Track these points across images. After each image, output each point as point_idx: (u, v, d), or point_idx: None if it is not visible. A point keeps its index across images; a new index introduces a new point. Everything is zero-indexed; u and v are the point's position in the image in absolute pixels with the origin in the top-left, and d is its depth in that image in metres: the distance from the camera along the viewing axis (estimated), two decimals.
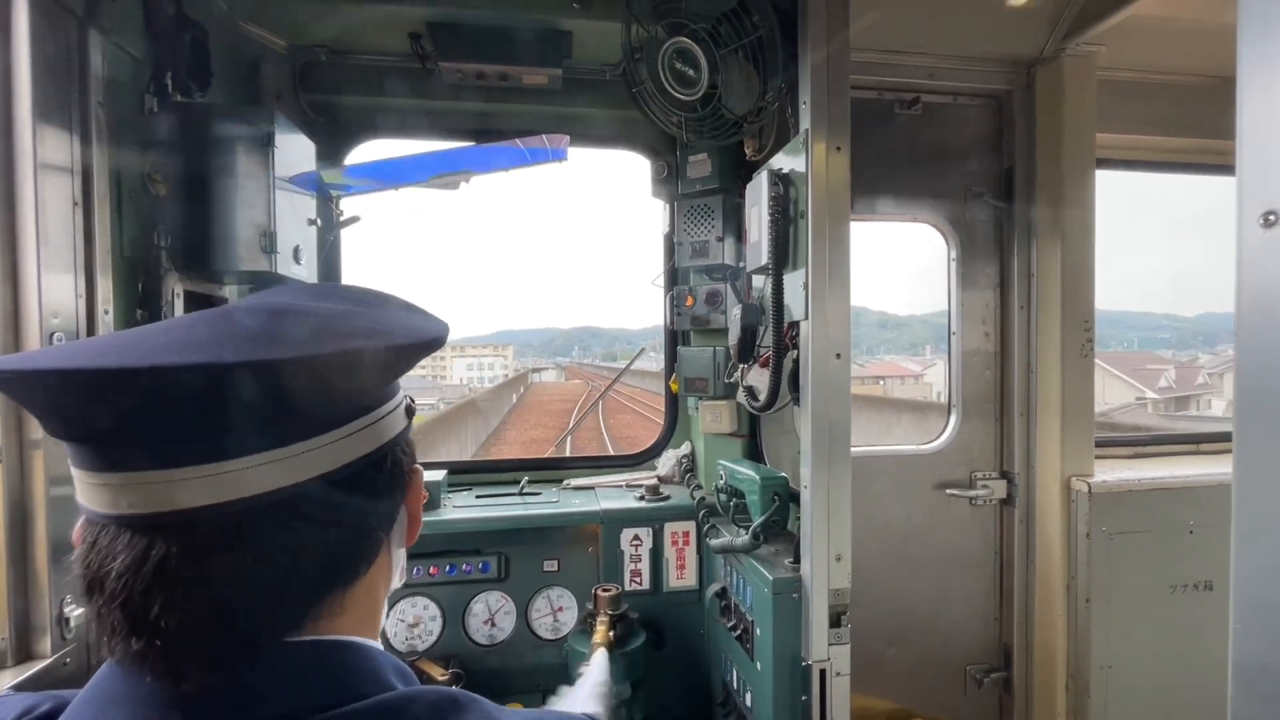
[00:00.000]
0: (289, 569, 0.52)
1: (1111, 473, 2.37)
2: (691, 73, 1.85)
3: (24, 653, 1.26)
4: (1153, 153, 2.75)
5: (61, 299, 1.32)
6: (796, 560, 1.72)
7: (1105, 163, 2.59)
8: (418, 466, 0.69)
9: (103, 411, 0.46)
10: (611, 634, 1.85)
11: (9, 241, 1.24)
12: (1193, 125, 2.58)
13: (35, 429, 1.26)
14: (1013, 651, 2.51)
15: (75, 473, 0.50)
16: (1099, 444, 2.44)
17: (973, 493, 2.52)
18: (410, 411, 0.67)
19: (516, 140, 2.03)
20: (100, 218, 1.41)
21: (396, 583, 0.69)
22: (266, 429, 0.50)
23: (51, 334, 1.28)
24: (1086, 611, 2.27)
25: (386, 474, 0.61)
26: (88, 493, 0.50)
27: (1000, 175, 2.54)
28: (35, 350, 0.52)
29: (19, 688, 1.19)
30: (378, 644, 0.61)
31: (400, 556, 0.69)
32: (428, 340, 0.60)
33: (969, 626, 2.56)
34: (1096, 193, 2.35)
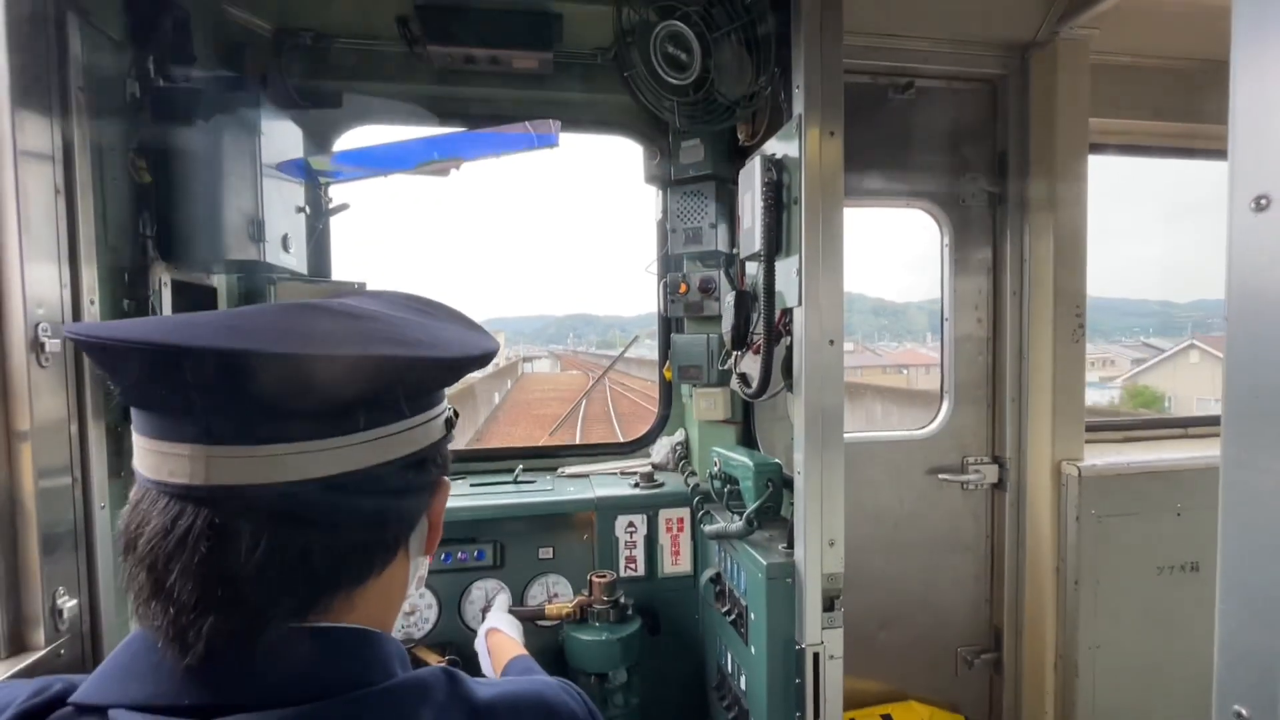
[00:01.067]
0: (299, 560, 0.53)
1: (1101, 457, 2.39)
2: (684, 57, 1.83)
3: (17, 644, 1.25)
4: (1146, 137, 2.75)
5: (45, 289, 1.29)
6: (790, 545, 1.73)
7: (1099, 147, 2.58)
8: (446, 479, 0.69)
9: (150, 382, 0.50)
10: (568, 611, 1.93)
11: None
12: (1186, 110, 2.57)
13: (23, 420, 1.24)
14: (1003, 633, 2.55)
15: (135, 438, 0.54)
16: (1089, 428, 2.47)
17: (964, 477, 2.54)
18: (450, 423, 0.68)
19: (507, 125, 2.00)
20: (83, 205, 1.38)
21: (413, 590, 0.69)
22: (302, 422, 0.52)
23: (36, 324, 1.26)
24: (1075, 593, 2.30)
25: (414, 481, 0.62)
26: (141, 457, 0.53)
27: (994, 160, 2.53)
28: (125, 320, 0.57)
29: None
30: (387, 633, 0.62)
31: (420, 564, 0.69)
32: (476, 356, 0.63)
33: (960, 609, 2.59)
34: (1089, 177, 2.35)
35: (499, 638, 1.55)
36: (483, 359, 0.64)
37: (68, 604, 1.31)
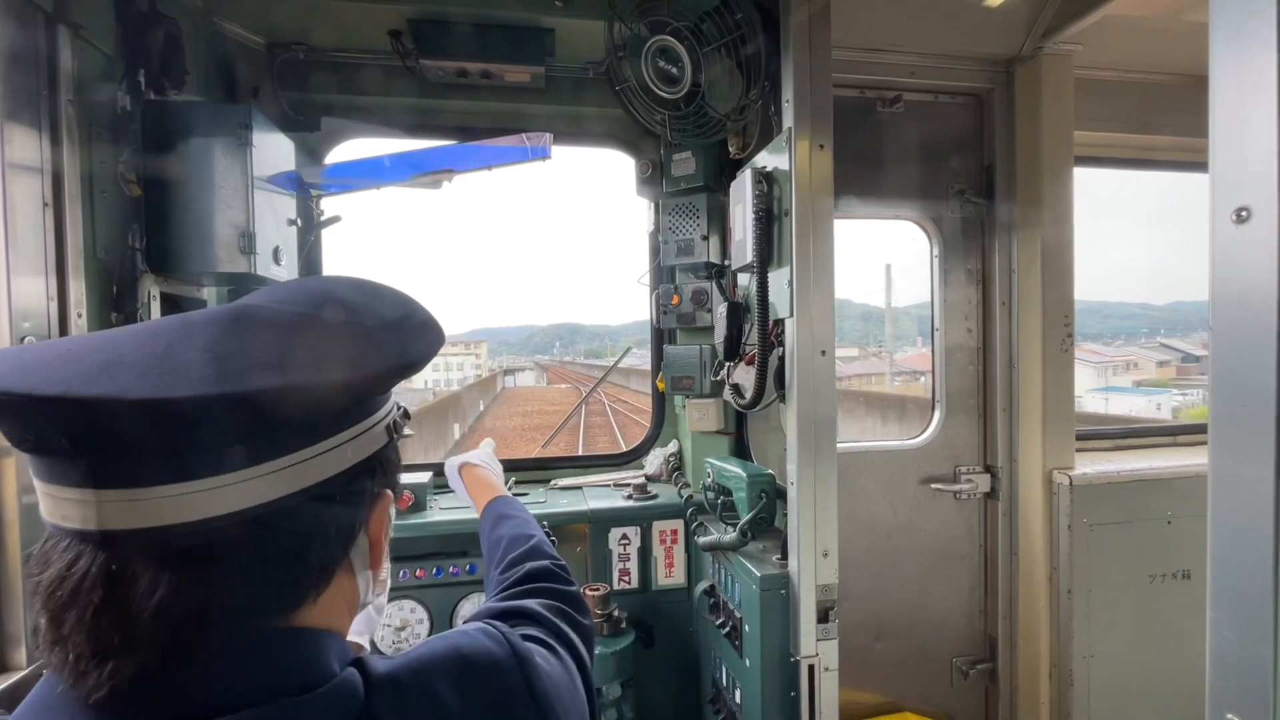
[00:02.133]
0: (205, 603, 0.49)
1: (1092, 465, 2.41)
2: (675, 71, 1.85)
3: None
4: (1129, 150, 2.80)
5: (32, 302, 1.28)
6: (784, 557, 1.73)
7: (1083, 160, 2.62)
8: (387, 491, 0.63)
9: (31, 432, 0.46)
10: None
11: None
12: (1167, 123, 2.63)
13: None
14: (997, 643, 2.55)
15: (31, 473, 0.50)
16: (1079, 437, 2.48)
17: (957, 487, 2.55)
18: (394, 428, 0.62)
19: (499, 138, 2.01)
20: (71, 218, 1.38)
21: (374, 597, 0.65)
22: (193, 460, 0.47)
23: (23, 337, 1.25)
24: (1069, 602, 2.31)
25: (339, 503, 0.56)
26: (40, 497, 0.50)
27: (981, 172, 2.56)
28: (28, 347, 0.51)
29: None
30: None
31: (374, 575, 0.64)
32: (386, 373, 0.56)
33: (954, 619, 2.59)
34: (1075, 189, 2.39)
35: (478, 473, 1.40)
36: (402, 371, 0.56)
37: None
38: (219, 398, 0.46)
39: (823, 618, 1.65)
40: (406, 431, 0.65)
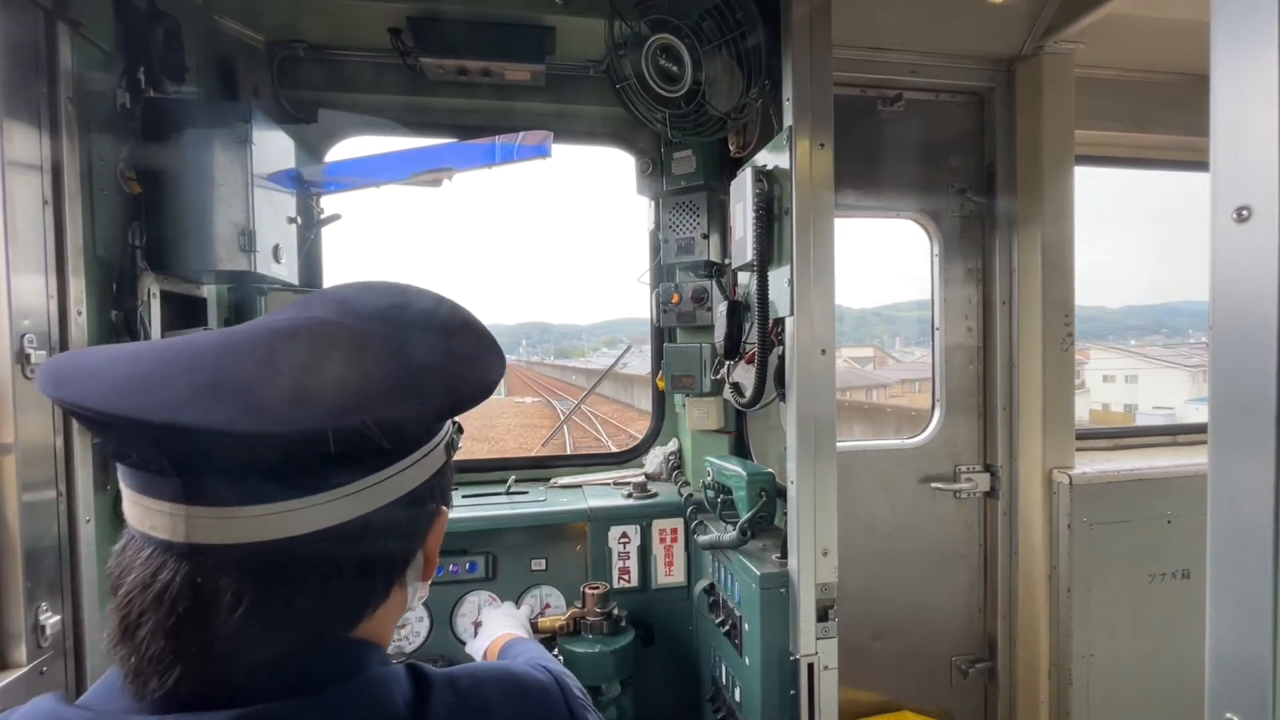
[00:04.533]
0: (281, 616, 0.51)
1: (1092, 465, 2.41)
2: (675, 69, 1.85)
3: None
4: (1130, 149, 2.80)
5: (32, 300, 1.28)
6: (784, 555, 1.73)
7: (1084, 159, 2.62)
8: (444, 509, 0.65)
9: (134, 449, 0.49)
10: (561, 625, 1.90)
11: None
12: (1168, 122, 2.62)
13: (6, 434, 1.23)
14: (997, 642, 2.55)
15: (120, 480, 0.52)
16: (1079, 436, 2.48)
17: (957, 486, 2.55)
18: (451, 447, 0.64)
19: (499, 137, 2.01)
20: (71, 216, 1.37)
21: (411, 611, 0.68)
22: (286, 484, 0.50)
23: (22, 335, 1.25)
24: (1068, 601, 2.31)
25: (408, 520, 0.59)
26: (126, 504, 0.52)
27: (982, 171, 2.56)
28: (90, 355, 0.52)
29: None
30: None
31: (419, 588, 0.67)
32: (468, 397, 0.58)
33: (954, 618, 2.59)
34: (1075, 188, 2.39)
35: (496, 642, 1.44)
36: (480, 395, 0.58)
37: (50, 620, 1.29)
38: (315, 433, 0.48)
39: (822, 616, 1.65)
40: (460, 445, 0.67)
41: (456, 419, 0.64)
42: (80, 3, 1.40)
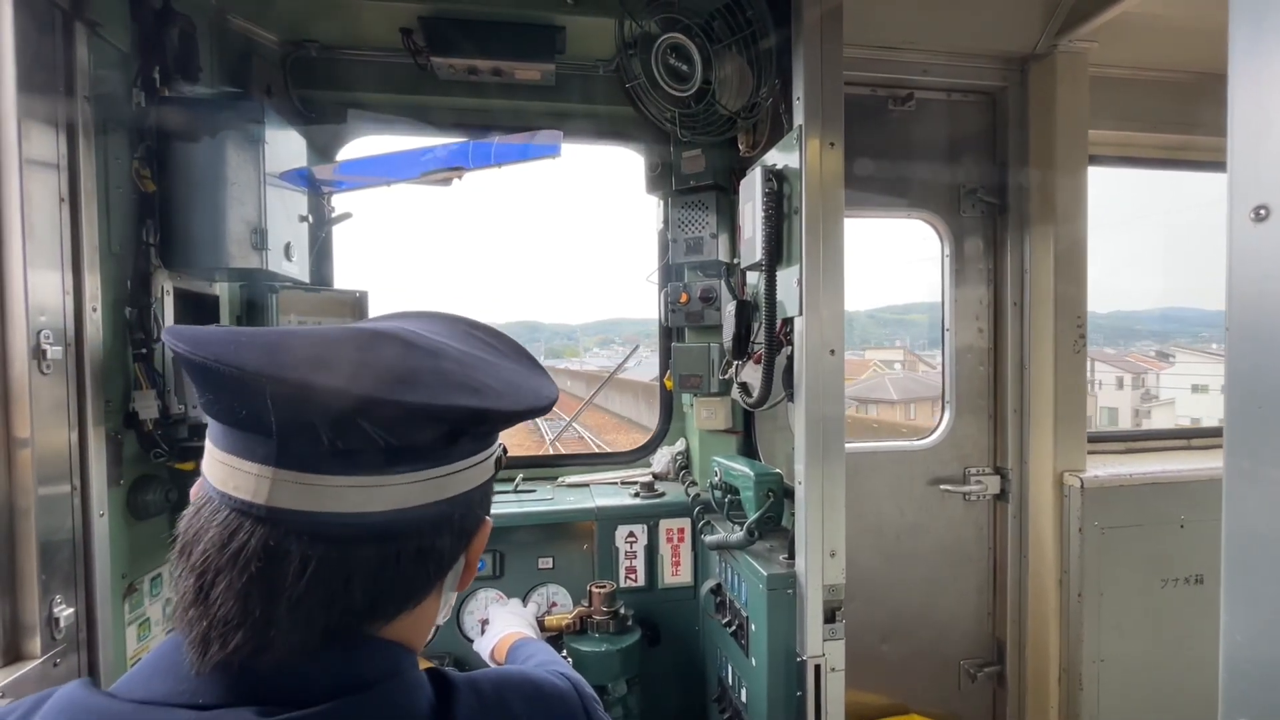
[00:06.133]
0: (341, 589, 0.54)
1: (1103, 468, 2.38)
2: (685, 68, 1.84)
3: (13, 653, 1.25)
4: (1145, 149, 2.76)
5: (48, 296, 1.30)
6: (791, 556, 1.73)
7: (1098, 159, 2.60)
8: (488, 519, 0.69)
9: (250, 406, 0.51)
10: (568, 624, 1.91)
11: None
12: (1185, 121, 2.59)
13: (23, 428, 1.24)
14: (1006, 646, 2.53)
15: (208, 444, 0.56)
16: (1091, 439, 2.46)
17: (966, 488, 2.53)
18: (499, 463, 0.69)
19: (509, 136, 2.02)
20: (87, 214, 1.39)
21: (441, 620, 0.70)
22: (366, 457, 0.54)
23: (39, 331, 1.26)
24: (1079, 606, 2.29)
25: (459, 520, 0.62)
26: (210, 464, 0.55)
27: (994, 171, 2.54)
28: (207, 329, 0.55)
29: (8, 689, 1.18)
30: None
31: (450, 597, 0.69)
32: (543, 407, 0.64)
33: (963, 621, 2.57)
34: (1089, 189, 2.36)
35: (504, 640, 1.45)
36: (548, 407, 0.65)
37: (64, 613, 1.30)
38: (421, 407, 0.54)
39: (829, 618, 1.64)
40: (505, 462, 0.71)
41: (502, 442, 0.69)
42: (97, 3, 1.41)
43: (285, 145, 1.82)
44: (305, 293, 2.04)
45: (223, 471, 0.53)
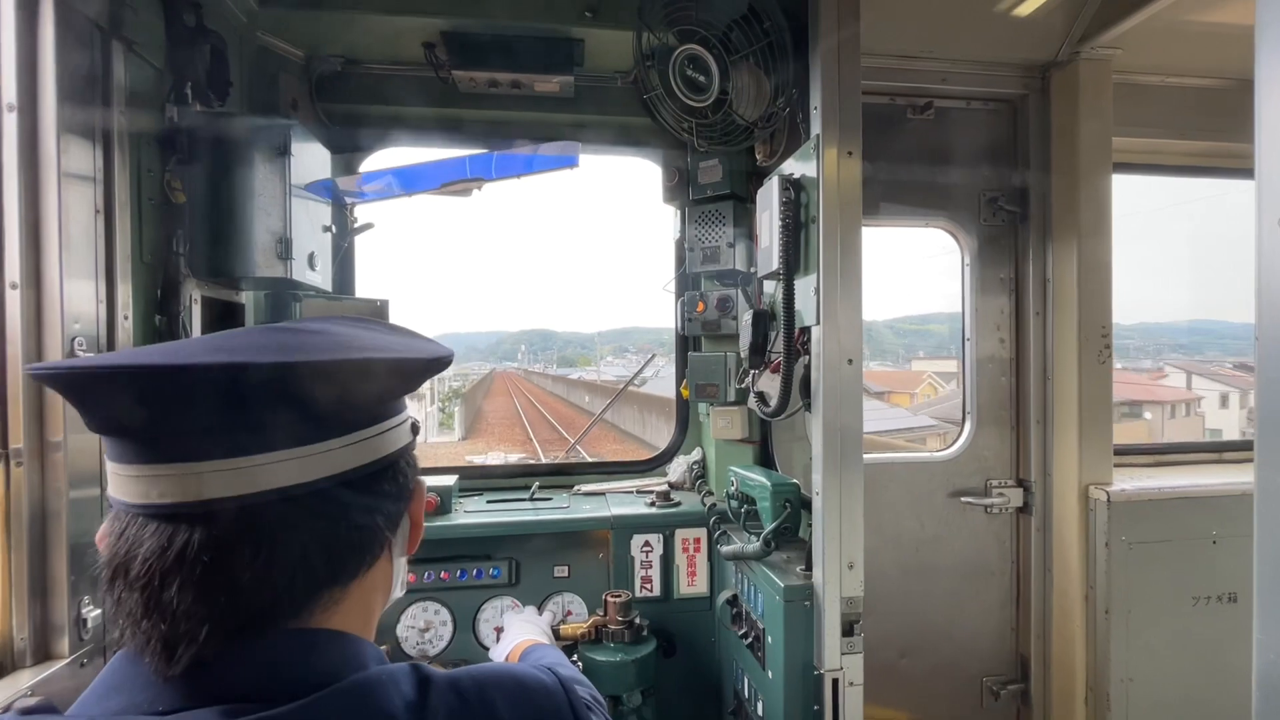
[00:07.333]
0: (297, 560, 0.56)
1: (1131, 481, 2.33)
2: (702, 79, 1.85)
3: (42, 652, 1.28)
4: (1172, 156, 2.72)
5: (82, 305, 1.34)
6: (808, 568, 1.71)
7: (1123, 166, 2.56)
8: (421, 479, 0.73)
9: (139, 406, 0.52)
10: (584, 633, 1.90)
11: (33, 248, 1.27)
12: (1212, 128, 2.54)
13: (56, 431, 1.28)
14: (1030, 663, 2.47)
15: (111, 466, 0.55)
16: (1118, 452, 2.41)
17: (988, 501, 2.49)
18: (415, 429, 0.71)
19: (529, 147, 2.04)
20: (121, 225, 1.43)
21: (397, 592, 0.72)
22: (286, 429, 0.55)
23: (73, 338, 1.30)
24: (1106, 623, 2.23)
25: (392, 481, 0.65)
26: (121, 485, 0.54)
27: (1015, 179, 2.51)
28: (91, 355, 0.59)
29: (37, 687, 1.21)
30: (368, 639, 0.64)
31: (401, 566, 0.72)
32: (434, 359, 0.67)
33: (985, 637, 2.52)
34: (1114, 197, 2.33)
35: (517, 647, 1.46)
36: (446, 362, 0.68)
37: (92, 614, 1.33)
38: (332, 364, 0.57)
39: (847, 631, 1.62)
40: (419, 432, 0.74)
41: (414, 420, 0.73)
42: (134, 22, 1.46)
43: (310, 157, 1.87)
44: (328, 301, 2.07)
45: (141, 485, 0.53)
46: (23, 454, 1.25)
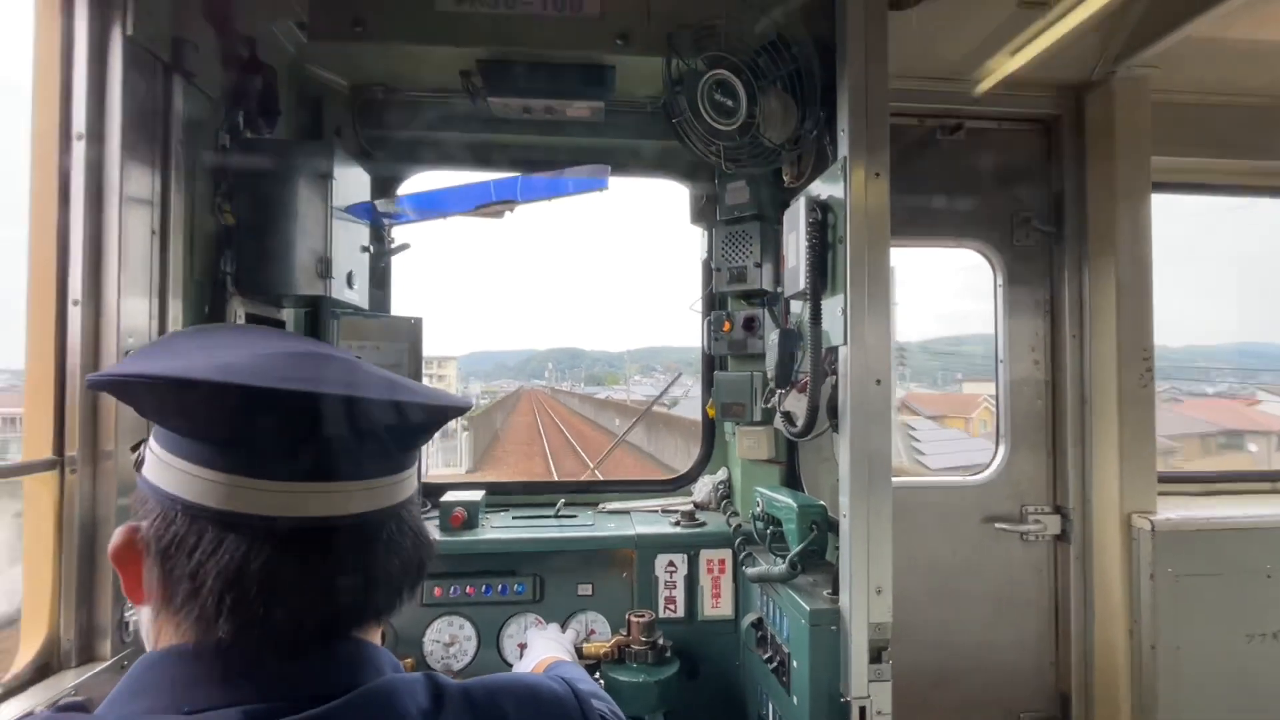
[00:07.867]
0: (388, 568, 0.61)
1: (1177, 510, 2.24)
2: (730, 104, 1.88)
3: (86, 654, 1.33)
4: (1213, 175, 2.65)
5: (137, 320, 1.42)
6: (835, 591, 1.68)
7: (1163, 186, 2.50)
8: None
9: (277, 430, 0.55)
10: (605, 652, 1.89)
11: (94, 267, 1.35)
12: (1254, 146, 2.47)
13: (108, 440, 1.34)
14: (1071, 699, 2.37)
15: (191, 467, 0.55)
16: (1163, 479, 2.31)
17: (1024, 527, 2.41)
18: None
19: (560, 171, 2.09)
20: (174, 245, 1.52)
21: None
22: (401, 457, 0.63)
23: (126, 352, 1.37)
24: (1153, 659, 2.13)
25: (419, 510, 0.70)
26: (200, 488, 0.55)
27: (1049, 200, 2.48)
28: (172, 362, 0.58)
29: (80, 688, 1.25)
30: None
31: None
32: (466, 406, 0.72)
33: (1021, 670, 2.42)
34: (1153, 217, 2.27)
35: (540, 664, 1.47)
36: (465, 410, 0.72)
37: (134, 617, 1.38)
38: (453, 408, 0.65)
39: (875, 658, 1.58)
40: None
41: None
42: (193, 56, 1.56)
43: (351, 181, 1.95)
44: (365, 319, 2.14)
45: (282, 499, 0.55)
46: (76, 461, 1.31)
